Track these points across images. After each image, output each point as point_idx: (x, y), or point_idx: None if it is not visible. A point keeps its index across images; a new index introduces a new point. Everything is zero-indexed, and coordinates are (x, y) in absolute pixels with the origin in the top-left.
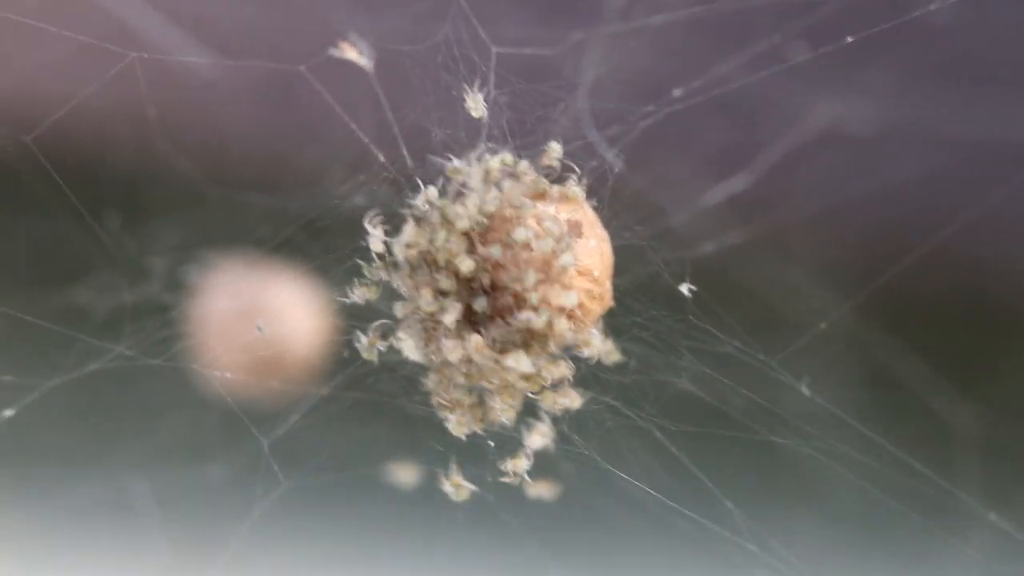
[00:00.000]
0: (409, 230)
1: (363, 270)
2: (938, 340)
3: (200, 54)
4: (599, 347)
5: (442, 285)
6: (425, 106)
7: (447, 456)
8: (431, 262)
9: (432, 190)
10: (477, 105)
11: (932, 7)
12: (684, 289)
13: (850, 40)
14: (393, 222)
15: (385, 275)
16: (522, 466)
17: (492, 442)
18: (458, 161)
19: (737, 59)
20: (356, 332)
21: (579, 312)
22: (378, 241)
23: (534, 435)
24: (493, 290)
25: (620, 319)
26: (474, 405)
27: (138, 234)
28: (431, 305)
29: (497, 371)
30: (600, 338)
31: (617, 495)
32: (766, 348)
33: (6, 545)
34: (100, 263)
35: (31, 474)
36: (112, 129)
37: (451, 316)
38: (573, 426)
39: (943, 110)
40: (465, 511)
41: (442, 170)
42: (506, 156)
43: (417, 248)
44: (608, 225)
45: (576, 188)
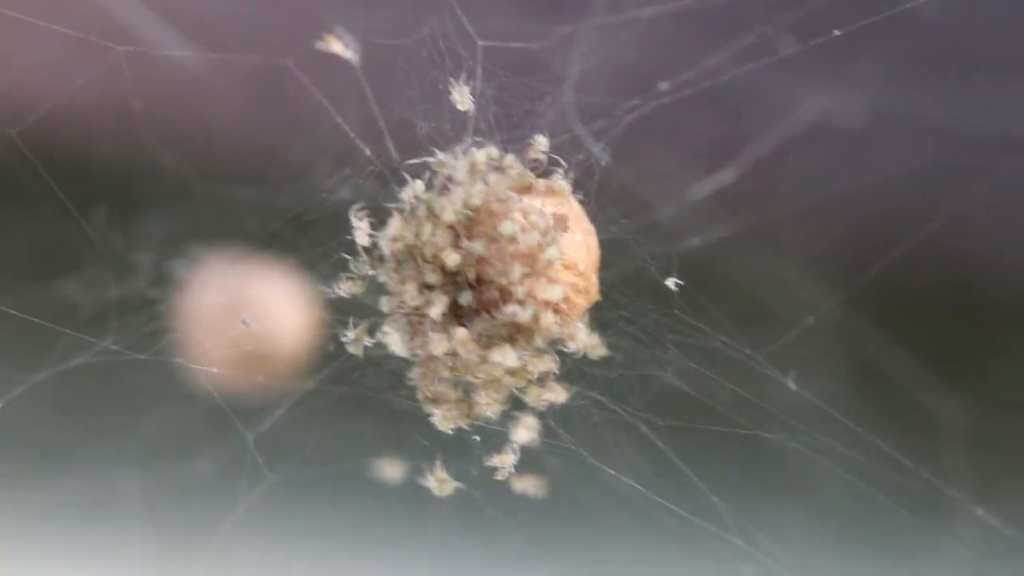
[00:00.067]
0: (395, 224)
1: (349, 264)
2: (926, 333)
3: (187, 48)
4: (585, 341)
5: (428, 279)
6: (411, 100)
7: (433, 451)
8: (417, 256)
9: (418, 184)
10: (463, 99)
11: (920, 0)
12: (670, 283)
13: (838, 33)
14: (379, 216)
15: (370, 269)
16: (508, 461)
17: (478, 437)
18: (443, 154)
19: (725, 52)
20: (342, 326)
21: (565, 306)
22: (363, 235)
23: (520, 430)
24: (479, 284)
25: (606, 313)
26: (460, 400)
27: (124, 228)
28: (416, 299)
29: (482, 365)
30: (586, 332)
31: (603, 490)
32: (753, 342)
33: None
34: (86, 257)
35: (16, 468)
36: (98, 123)
37: (437, 310)
38: (559, 421)
39: (932, 103)
40: (451, 506)
41: (428, 164)
42: (492, 150)
43: (403, 242)
44: (594, 219)
45: (562, 182)
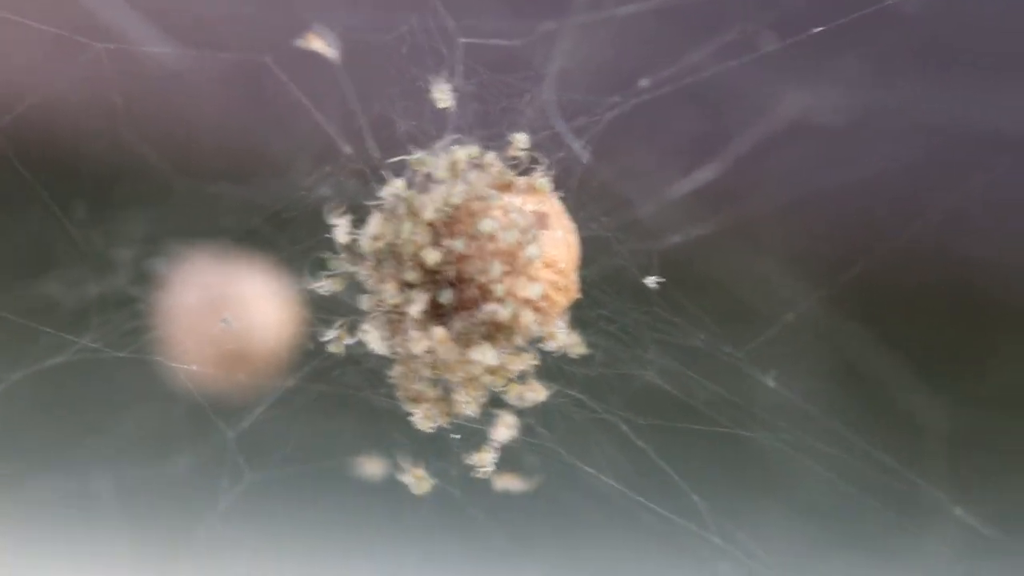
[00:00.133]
0: (375, 222)
1: (329, 262)
2: (908, 332)
3: (167, 45)
4: (565, 339)
5: (407, 277)
6: (391, 97)
7: (413, 449)
8: (397, 254)
9: (399, 181)
10: (443, 96)
11: None
12: (651, 281)
13: (819, 30)
14: (359, 213)
15: (350, 267)
16: (488, 459)
17: (458, 435)
18: (421, 152)
19: (705, 49)
20: (322, 324)
21: (545, 304)
22: (343, 233)
23: (500, 428)
24: (459, 282)
25: (586, 311)
26: (439, 398)
27: (104, 226)
28: (395, 297)
29: (462, 364)
30: (566, 330)
31: (583, 488)
32: (734, 340)
33: None
34: (66, 255)
35: None
36: (79, 121)
37: (416, 308)
38: (539, 419)
39: (914, 98)
40: (431, 504)
41: (408, 161)
42: (472, 148)
43: (383, 240)
44: (575, 216)
45: (542, 179)
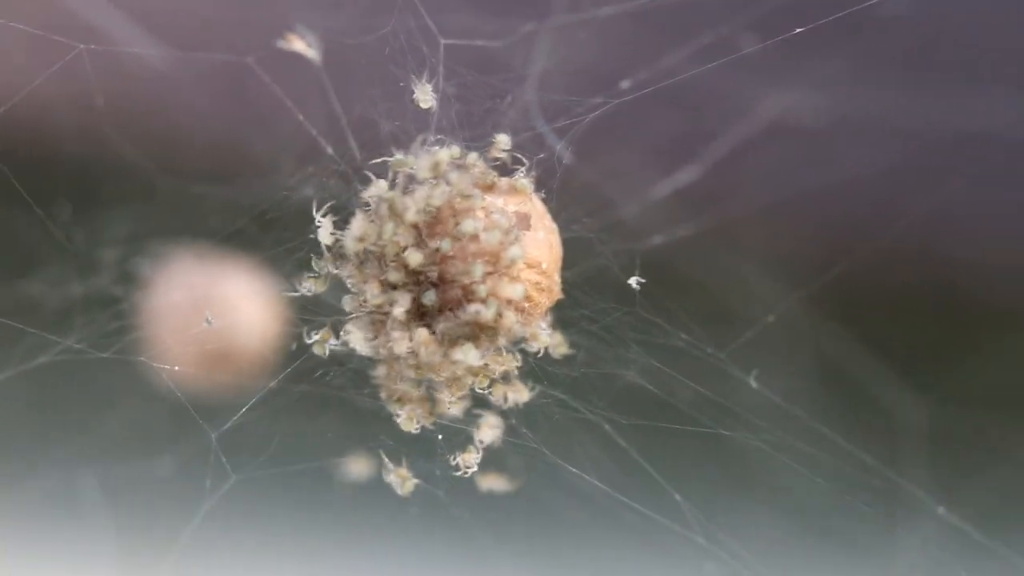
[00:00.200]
0: (358, 223)
1: (312, 262)
2: (890, 331)
3: (150, 46)
4: (547, 340)
5: (390, 278)
6: (373, 98)
7: (398, 450)
8: (379, 255)
9: (382, 183)
10: (425, 97)
11: None
12: (633, 282)
13: (799, 31)
14: (342, 214)
15: (333, 268)
16: (472, 459)
17: (441, 435)
18: (401, 153)
19: (686, 50)
20: (305, 326)
21: (527, 305)
22: (326, 233)
23: (484, 428)
24: (442, 283)
25: (569, 312)
26: (423, 398)
27: (88, 226)
28: (378, 298)
29: (445, 364)
30: (548, 331)
31: (566, 488)
32: (716, 341)
33: None
34: (50, 255)
35: None
36: (62, 121)
37: (399, 309)
38: (522, 420)
39: (893, 101)
40: (416, 505)
41: (389, 162)
42: (454, 148)
43: (366, 241)
44: (557, 217)
45: (524, 180)
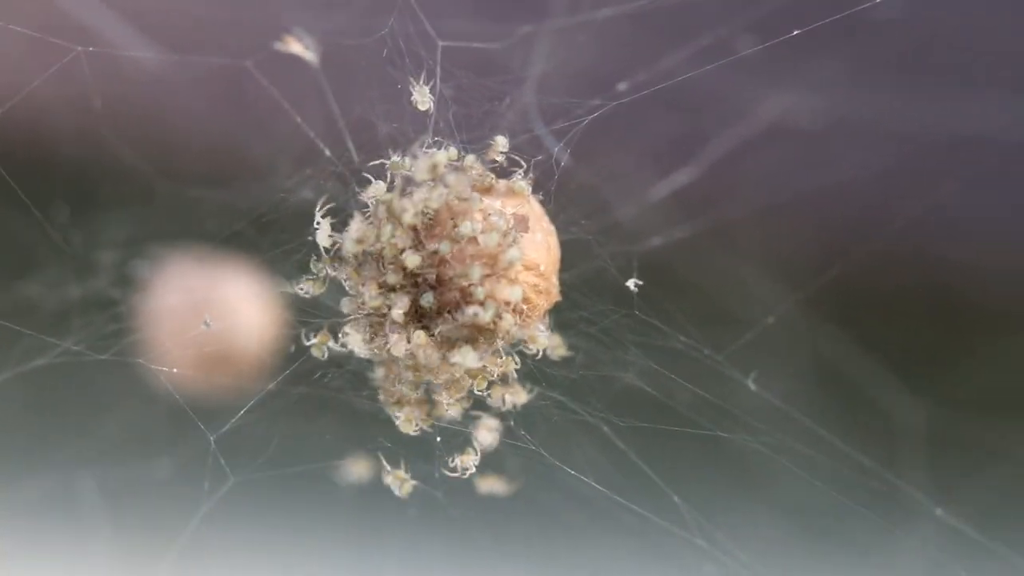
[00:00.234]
0: (356, 225)
1: (310, 265)
2: (887, 333)
3: (147, 49)
4: (545, 342)
5: (388, 280)
6: (371, 100)
7: (396, 452)
8: (378, 257)
9: (380, 185)
10: (423, 99)
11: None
12: (631, 284)
13: (797, 33)
14: (340, 216)
15: (331, 270)
16: (470, 461)
17: (439, 437)
18: (399, 155)
19: (684, 52)
20: (304, 328)
21: (525, 307)
22: (324, 235)
23: (482, 430)
24: (439, 285)
25: (567, 314)
26: (421, 401)
27: (86, 228)
28: (376, 300)
29: (443, 366)
30: (547, 333)
31: (565, 490)
32: (714, 343)
33: None
34: (47, 257)
35: None
36: (60, 124)
37: (397, 311)
38: (520, 422)
39: (891, 103)
40: (414, 506)
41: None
42: (452, 150)
43: (364, 243)
44: (555, 219)
45: (522, 182)
